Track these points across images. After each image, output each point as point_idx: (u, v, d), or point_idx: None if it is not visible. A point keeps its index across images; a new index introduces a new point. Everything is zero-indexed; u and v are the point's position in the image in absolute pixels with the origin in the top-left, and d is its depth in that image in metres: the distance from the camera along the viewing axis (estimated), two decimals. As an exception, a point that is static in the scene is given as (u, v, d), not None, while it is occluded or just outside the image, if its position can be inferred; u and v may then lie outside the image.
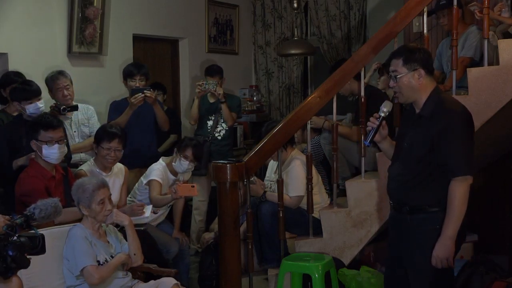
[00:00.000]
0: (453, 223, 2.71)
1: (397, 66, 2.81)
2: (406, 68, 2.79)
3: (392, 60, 2.84)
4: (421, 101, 2.81)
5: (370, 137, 2.91)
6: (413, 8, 3.75)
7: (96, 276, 3.12)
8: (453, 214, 2.71)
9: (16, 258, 2.39)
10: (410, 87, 2.80)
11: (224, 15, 7.00)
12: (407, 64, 2.78)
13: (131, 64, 4.93)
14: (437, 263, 2.73)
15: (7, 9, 4.69)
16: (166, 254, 4.05)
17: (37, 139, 3.51)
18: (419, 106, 2.83)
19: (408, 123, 2.90)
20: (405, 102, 2.91)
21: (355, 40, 6.60)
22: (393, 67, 2.83)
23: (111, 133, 3.93)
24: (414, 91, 2.81)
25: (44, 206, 2.63)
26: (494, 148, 4.56)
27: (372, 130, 2.90)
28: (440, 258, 2.72)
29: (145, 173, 4.30)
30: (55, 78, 4.36)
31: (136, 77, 4.68)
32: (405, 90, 2.81)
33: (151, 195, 4.14)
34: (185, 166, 4.29)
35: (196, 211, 5.44)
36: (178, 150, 4.31)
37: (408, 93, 2.82)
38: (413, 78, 2.79)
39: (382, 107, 2.91)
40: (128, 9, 5.69)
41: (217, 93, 5.14)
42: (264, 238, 4.02)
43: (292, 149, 4.20)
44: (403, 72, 2.79)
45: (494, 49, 3.86)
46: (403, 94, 2.83)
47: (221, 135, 5.34)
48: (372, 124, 2.90)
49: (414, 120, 2.86)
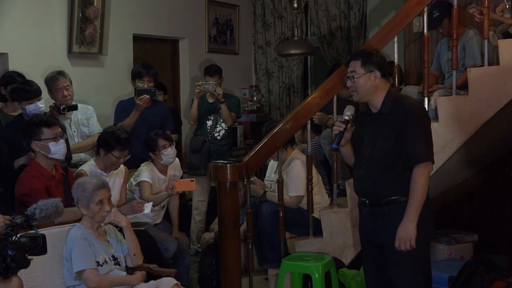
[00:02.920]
0: (415, 208, 2.90)
1: (355, 67, 3.00)
2: (363, 70, 2.99)
3: (351, 61, 3.04)
4: (378, 101, 3.02)
5: (337, 140, 3.05)
6: (413, 8, 3.75)
7: (95, 280, 3.11)
8: (415, 199, 2.90)
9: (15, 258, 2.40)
10: (366, 87, 3.00)
11: (224, 15, 7.00)
12: (365, 66, 2.99)
13: (140, 65, 4.94)
14: (400, 245, 2.91)
15: (7, 9, 4.69)
16: (165, 252, 4.04)
17: (40, 139, 3.49)
18: (376, 105, 3.03)
19: (365, 124, 3.09)
20: (359, 100, 3.09)
21: (355, 40, 6.59)
22: (351, 68, 3.02)
23: (124, 143, 3.90)
24: (369, 91, 3.01)
25: (45, 206, 2.62)
26: (494, 148, 4.57)
27: (339, 133, 3.03)
28: (402, 239, 2.90)
29: (134, 175, 4.28)
30: (54, 79, 4.36)
31: (144, 78, 4.71)
32: (360, 90, 3.01)
33: (143, 196, 4.12)
34: (171, 153, 4.25)
35: (195, 211, 5.45)
36: (152, 151, 4.26)
37: (364, 92, 3.02)
38: (369, 79, 2.99)
39: (346, 111, 3.07)
40: (128, 9, 5.69)
41: (217, 93, 5.14)
42: (264, 238, 4.02)
43: (292, 149, 4.20)
44: (360, 73, 2.99)
45: (494, 49, 3.86)
46: (358, 93, 3.03)
47: (220, 135, 5.34)
48: (338, 128, 3.04)
49: (372, 119, 3.06)
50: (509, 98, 3.59)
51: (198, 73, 6.53)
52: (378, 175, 2.98)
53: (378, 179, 2.98)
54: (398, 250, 2.93)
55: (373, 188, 3.02)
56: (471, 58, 4.14)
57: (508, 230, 4.78)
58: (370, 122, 3.06)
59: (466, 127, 3.67)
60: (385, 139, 2.96)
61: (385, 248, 3.02)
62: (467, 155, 4.17)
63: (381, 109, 3.02)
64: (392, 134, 2.94)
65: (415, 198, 2.90)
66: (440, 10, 4.22)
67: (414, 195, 2.90)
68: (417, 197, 2.90)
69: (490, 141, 4.27)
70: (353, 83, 3.02)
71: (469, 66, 4.00)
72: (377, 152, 2.99)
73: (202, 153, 5.26)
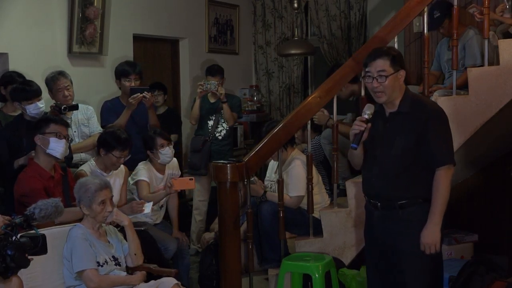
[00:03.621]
0: (440, 210, 2.84)
1: (384, 66, 2.86)
2: (392, 69, 2.87)
3: (377, 60, 2.87)
4: (397, 100, 2.92)
5: (357, 140, 2.93)
6: (413, 8, 3.75)
7: (95, 281, 3.11)
8: (439, 202, 2.83)
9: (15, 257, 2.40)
10: (394, 87, 2.88)
11: (225, 15, 7.00)
12: (394, 65, 2.87)
13: (125, 63, 4.83)
14: (425, 249, 2.85)
15: (7, 9, 4.69)
16: (165, 252, 4.04)
17: (44, 132, 3.49)
18: (395, 105, 2.93)
19: (378, 124, 2.96)
20: (385, 102, 2.94)
21: (355, 40, 6.59)
22: (380, 67, 2.86)
23: (124, 143, 3.90)
24: (395, 90, 2.90)
25: (45, 206, 2.63)
26: (494, 148, 4.57)
27: (360, 133, 2.92)
28: (428, 244, 2.84)
29: (132, 174, 4.27)
30: (55, 79, 4.35)
31: (131, 76, 4.64)
32: (389, 90, 2.88)
33: (141, 195, 4.11)
34: (168, 152, 4.24)
35: (196, 211, 5.45)
36: (150, 149, 4.25)
37: (391, 92, 2.89)
38: (396, 79, 2.88)
39: (366, 110, 2.94)
40: (128, 9, 5.69)
41: (219, 93, 5.14)
42: (264, 238, 4.02)
43: (292, 149, 4.20)
44: (390, 72, 2.86)
45: (495, 49, 3.86)
46: (386, 94, 2.89)
47: (221, 135, 5.34)
48: (359, 127, 2.91)
49: (387, 119, 2.96)
50: (509, 98, 3.59)
51: (198, 73, 6.53)
52: (393, 176, 2.89)
53: (392, 181, 2.89)
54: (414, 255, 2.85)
55: (386, 190, 2.93)
56: (471, 58, 4.14)
57: (508, 230, 4.78)
58: (385, 122, 2.96)
59: (466, 127, 3.67)
60: (404, 139, 2.87)
61: (397, 253, 2.93)
62: (467, 155, 4.17)
63: (400, 109, 2.92)
64: (412, 134, 2.85)
65: (440, 200, 2.83)
66: (441, 10, 4.22)
67: (438, 198, 2.83)
68: (441, 200, 2.83)
69: (490, 141, 4.27)
70: (381, 84, 2.86)
71: (469, 66, 3.99)
72: (394, 152, 2.89)
73: (203, 153, 5.26)
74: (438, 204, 2.83)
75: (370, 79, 2.91)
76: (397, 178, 2.88)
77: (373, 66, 2.88)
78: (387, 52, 2.91)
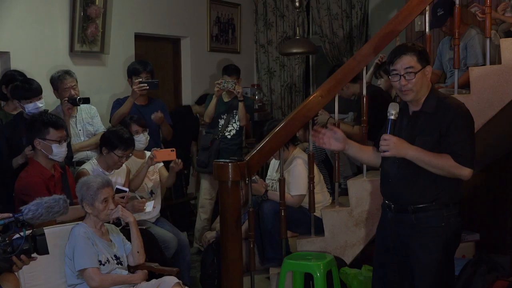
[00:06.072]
0: (425, 155, 2.67)
1: (411, 62, 2.72)
2: (420, 65, 2.74)
3: (403, 57, 2.73)
4: (421, 98, 2.79)
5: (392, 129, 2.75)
6: (415, 7, 3.74)
7: (97, 279, 3.12)
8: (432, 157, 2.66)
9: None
10: (421, 84, 2.75)
11: (226, 14, 7.00)
12: (421, 61, 2.74)
13: (136, 62, 4.93)
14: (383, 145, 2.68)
15: (9, 7, 4.69)
16: (165, 250, 4.05)
17: (44, 138, 3.49)
18: (419, 104, 2.79)
19: (402, 122, 2.84)
20: (412, 100, 2.79)
21: (357, 39, 6.59)
22: (407, 64, 2.72)
23: (126, 142, 3.93)
24: (423, 87, 2.77)
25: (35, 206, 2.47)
26: (496, 147, 4.56)
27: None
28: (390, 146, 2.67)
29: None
30: (62, 78, 4.36)
31: (142, 75, 4.70)
32: (418, 87, 2.74)
33: (126, 184, 4.12)
34: (142, 139, 4.33)
35: (201, 209, 5.44)
36: None
37: (420, 89, 2.76)
38: (424, 75, 2.76)
39: (391, 109, 2.77)
40: (130, 8, 5.69)
41: (236, 91, 5.14)
42: (265, 237, 4.02)
43: (294, 148, 4.20)
44: (418, 68, 2.73)
45: (496, 48, 3.86)
46: (414, 91, 2.75)
47: (231, 134, 5.34)
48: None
49: (410, 118, 2.83)
50: (511, 98, 3.59)
51: (199, 72, 6.53)
52: (410, 178, 2.77)
53: (408, 183, 2.78)
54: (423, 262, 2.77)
55: (401, 193, 2.81)
56: (473, 57, 4.14)
57: (510, 230, 4.79)
58: (408, 120, 2.82)
59: (468, 126, 3.66)
60: (426, 139, 2.73)
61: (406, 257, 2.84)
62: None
63: (423, 108, 2.77)
64: (435, 134, 2.71)
65: (434, 158, 2.66)
66: (445, 8, 4.20)
67: (438, 158, 2.66)
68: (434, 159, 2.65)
69: (492, 141, 4.26)
70: (409, 81, 2.71)
71: (471, 65, 3.99)
72: None
73: (211, 151, 5.27)
74: (432, 156, 2.67)
75: (397, 77, 2.76)
76: (414, 180, 2.76)
77: (399, 63, 2.74)
78: (413, 48, 2.77)
